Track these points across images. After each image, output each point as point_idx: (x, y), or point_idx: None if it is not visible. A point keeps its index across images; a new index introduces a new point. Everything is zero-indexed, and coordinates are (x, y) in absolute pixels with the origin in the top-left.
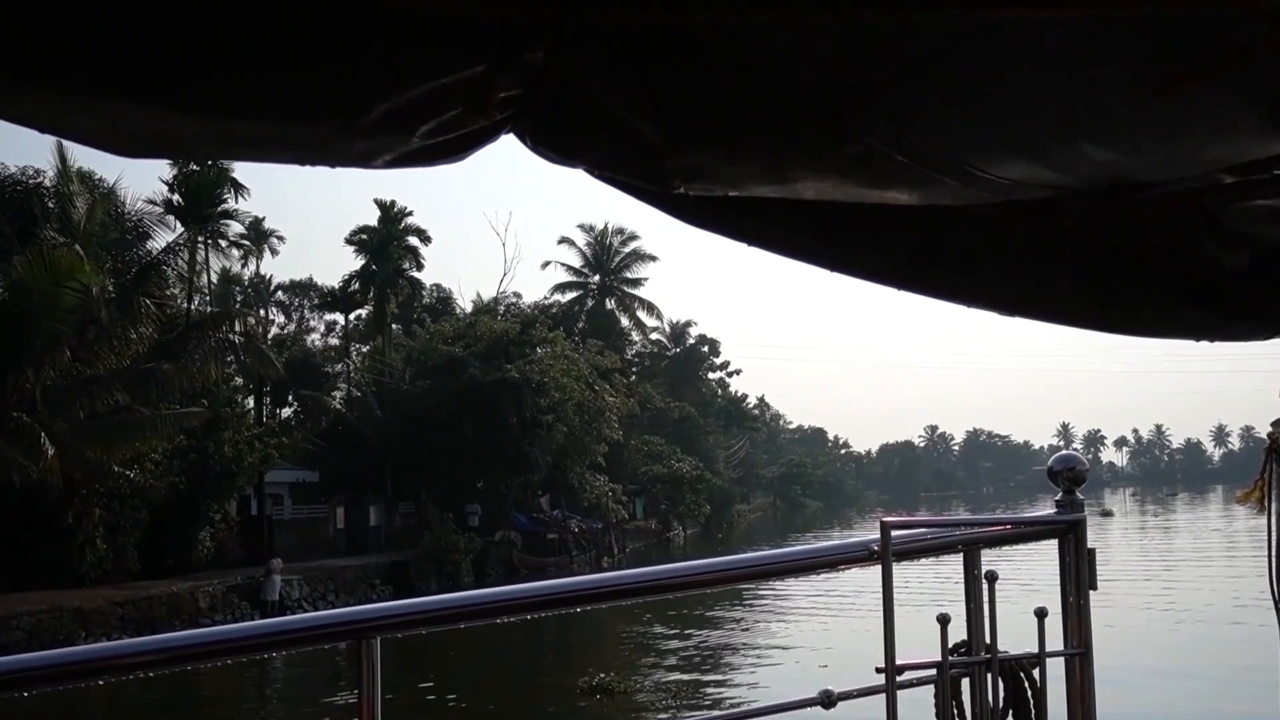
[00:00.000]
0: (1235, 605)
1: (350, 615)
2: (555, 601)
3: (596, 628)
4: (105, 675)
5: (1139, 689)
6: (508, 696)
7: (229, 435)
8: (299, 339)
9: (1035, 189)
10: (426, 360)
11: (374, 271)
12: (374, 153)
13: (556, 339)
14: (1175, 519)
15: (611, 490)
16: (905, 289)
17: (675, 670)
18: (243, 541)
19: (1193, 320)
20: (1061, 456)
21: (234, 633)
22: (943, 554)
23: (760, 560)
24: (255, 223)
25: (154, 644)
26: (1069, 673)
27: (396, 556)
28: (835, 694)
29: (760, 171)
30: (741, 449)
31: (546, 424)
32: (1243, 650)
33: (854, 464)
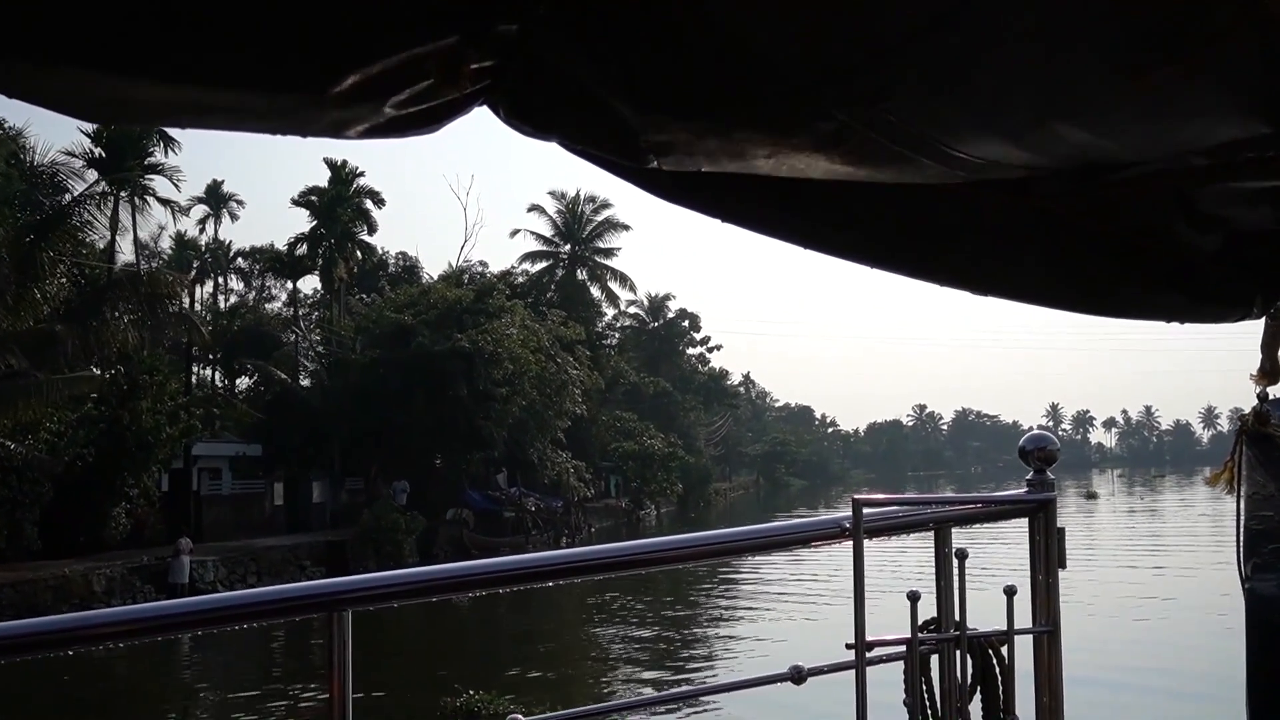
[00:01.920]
0: (1222, 595)
1: (322, 587)
2: (523, 576)
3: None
4: (74, 645)
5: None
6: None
7: (147, 405)
8: (257, 307)
9: (1009, 169)
10: (376, 329)
11: (322, 234)
12: (346, 123)
13: (515, 308)
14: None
15: (574, 467)
16: (878, 266)
17: (645, 645)
18: (166, 519)
19: (1165, 302)
20: (1032, 436)
21: (205, 604)
22: (914, 531)
23: (732, 536)
24: (214, 186)
25: (126, 614)
26: (1037, 650)
27: (334, 536)
28: (805, 669)
29: (734, 147)
30: (723, 426)
31: (501, 396)
32: (1223, 639)
33: (841, 443)
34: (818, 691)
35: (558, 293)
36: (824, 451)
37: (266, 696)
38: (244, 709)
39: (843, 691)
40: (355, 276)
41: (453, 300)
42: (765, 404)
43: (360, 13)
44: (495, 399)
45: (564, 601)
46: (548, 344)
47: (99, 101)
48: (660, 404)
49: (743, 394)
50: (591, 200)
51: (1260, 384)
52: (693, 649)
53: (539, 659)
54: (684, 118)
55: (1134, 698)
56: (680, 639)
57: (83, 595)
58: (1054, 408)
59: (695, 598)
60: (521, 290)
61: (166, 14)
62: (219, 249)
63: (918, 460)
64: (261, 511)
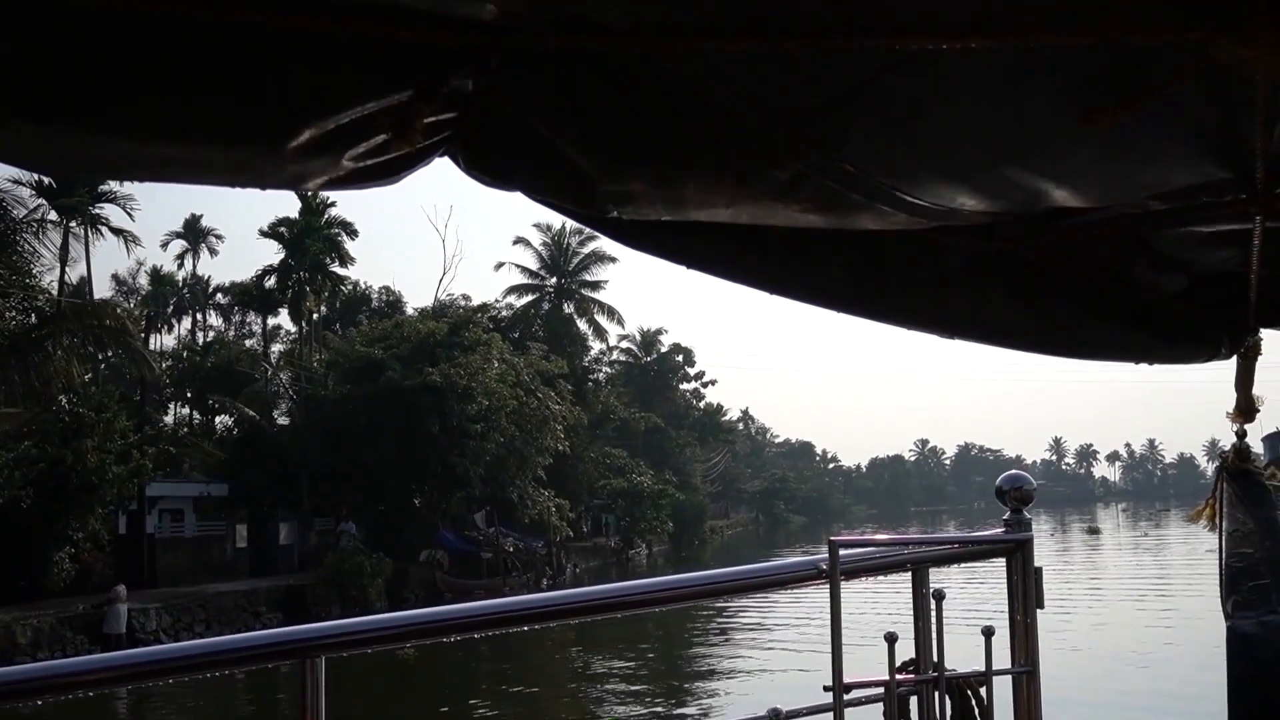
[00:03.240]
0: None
1: (295, 634)
2: (500, 620)
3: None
4: (41, 695)
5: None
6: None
7: (92, 444)
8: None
9: (969, 215)
10: (346, 364)
11: (290, 266)
12: (304, 176)
13: (493, 341)
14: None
15: (557, 506)
16: (845, 311)
17: (625, 685)
18: (116, 564)
19: (1132, 342)
20: (1008, 476)
21: (173, 652)
22: (891, 573)
23: (707, 579)
24: (191, 220)
25: (90, 663)
26: (1016, 691)
27: (295, 580)
28: (784, 712)
29: (692, 196)
30: (721, 463)
31: (476, 433)
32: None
33: (842, 478)
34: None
35: (544, 327)
36: (825, 487)
37: None
38: None
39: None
40: (337, 312)
41: (426, 333)
42: (765, 440)
43: (313, 69)
44: (470, 435)
45: (541, 641)
46: (527, 378)
47: (56, 155)
48: (653, 440)
49: (741, 430)
50: (578, 232)
51: (1237, 421)
52: (673, 688)
53: (515, 699)
54: (640, 167)
55: None
56: (660, 679)
57: (3, 648)
58: (1057, 441)
59: (679, 637)
60: (506, 324)
61: (123, 70)
62: (197, 285)
63: (920, 496)
64: (223, 554)
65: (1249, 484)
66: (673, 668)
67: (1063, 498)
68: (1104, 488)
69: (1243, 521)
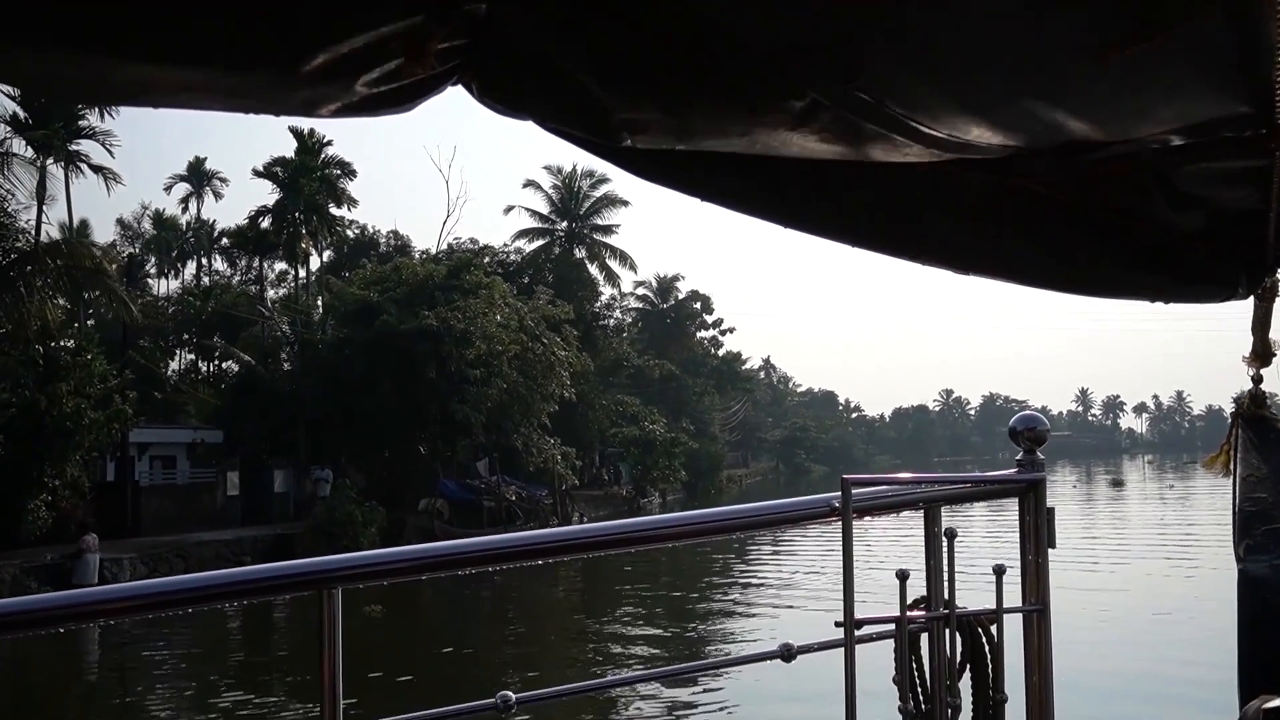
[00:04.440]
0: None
1: (313, 565)
2: (513, 555)
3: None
4: (66, 623)
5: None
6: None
7: (67, 388)
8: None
9: (985, 148)
10: (342, 307)
11: (285, 206)
12: (316, 102)
13: (494, 284)
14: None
15: (563, 454)
16: (858, 245)
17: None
18: (98, 512)
19: (1148, 282)
20: (1022, 416)
21: (194, 582)
22: (903, 510)
23: (720, 515)
24: (195, 163)
25: (117, 592)
26: (1027, 629)
27: (284, 529)
28: (795, 647)
29: (705, 125)
30: (740, 411)
31: (476, 379)
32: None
33: (865, 428)
34: (809, 669)
35: (553, 272)
36: (847, 437)
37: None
38: (230, 689)
39: (833, 668)
40: (345, 256)
41: (424, 276)
42: (787, 389)
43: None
44: (470, 381)
45: (560, 583)
46: (532, 323)
47: (71, 82)
48: (669, 388)
49: (762, 379)
50: (589, 175)
51: (1253, 366)
52: (686, 627)
53: (530, 639)
54: (654, 95)
55: (1125, 683)
56: (674, 618)
57: None
58: (1083, 392)
59: (693, 577)
60: (515, 269)
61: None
62: (201, 229)
63: (944, 446)
64: (212, 503)
65: (1264, 429)
66: (686, 607)
67: (1088, 449)
68: (1130, 439)
69: (1257, 467)
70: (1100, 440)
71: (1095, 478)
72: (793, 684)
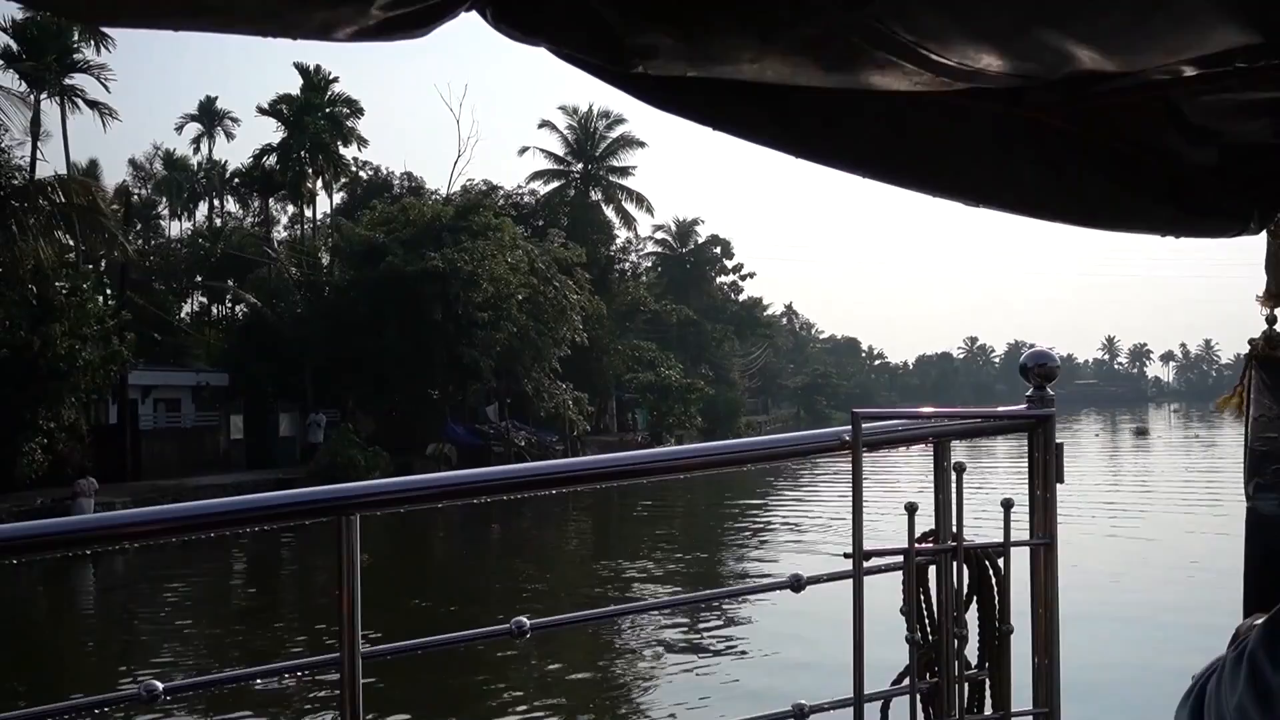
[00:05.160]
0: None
1: (331, 493)
2: (529, 484)
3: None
4: (93, 545)
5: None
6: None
7: (60, 329)
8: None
9: (997, 78)
10: (348, 248)
11: (290, 145)
12: (332, 24)
13: (504, 225)
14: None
15: (575, 399)
16: (869, 175)
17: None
18: (97, 455)
19: (1160, 215)
20: (1033, 353)
21: (215, 508)
22: (913, 444)
23: (732, 448)
24: (206, 103)
25: (142, 515)
26: (1034, 562)
27: (286, 474)
28: (804, 578)
29: (717, 52)
30: (760, 358)
31: (484, 322)
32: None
33: (888, 375)
34: (816, 599)
35: (569, 214)
36: (869, 384)
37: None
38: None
39: (841, 599)
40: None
41: (431, 217)
42: (809, 336)
43: None
44: (478, 324)
45: (570, 535)
46: (543, 265)
47: (88, 1)
48: (687, 333)
49: (784, 325)
50: (605, 115)
51: (1267, 306)
52: (697, 559)
53: (547, 568)
54: (666, 20)
55: (1133, 617)
56: (687, 549)
57: None
58: (1110, 340)
59: (707, 512)
60: (529, 212)
61: None
62: (213, 169)
63: (968, 394)
64: (215, 446)
65: (1277, 371)
66: (698, 540)
67: (1114, 398)
68: (1157, 388)
69: (1269, 407)
70: (1126, 389)
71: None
72: (802, 614)
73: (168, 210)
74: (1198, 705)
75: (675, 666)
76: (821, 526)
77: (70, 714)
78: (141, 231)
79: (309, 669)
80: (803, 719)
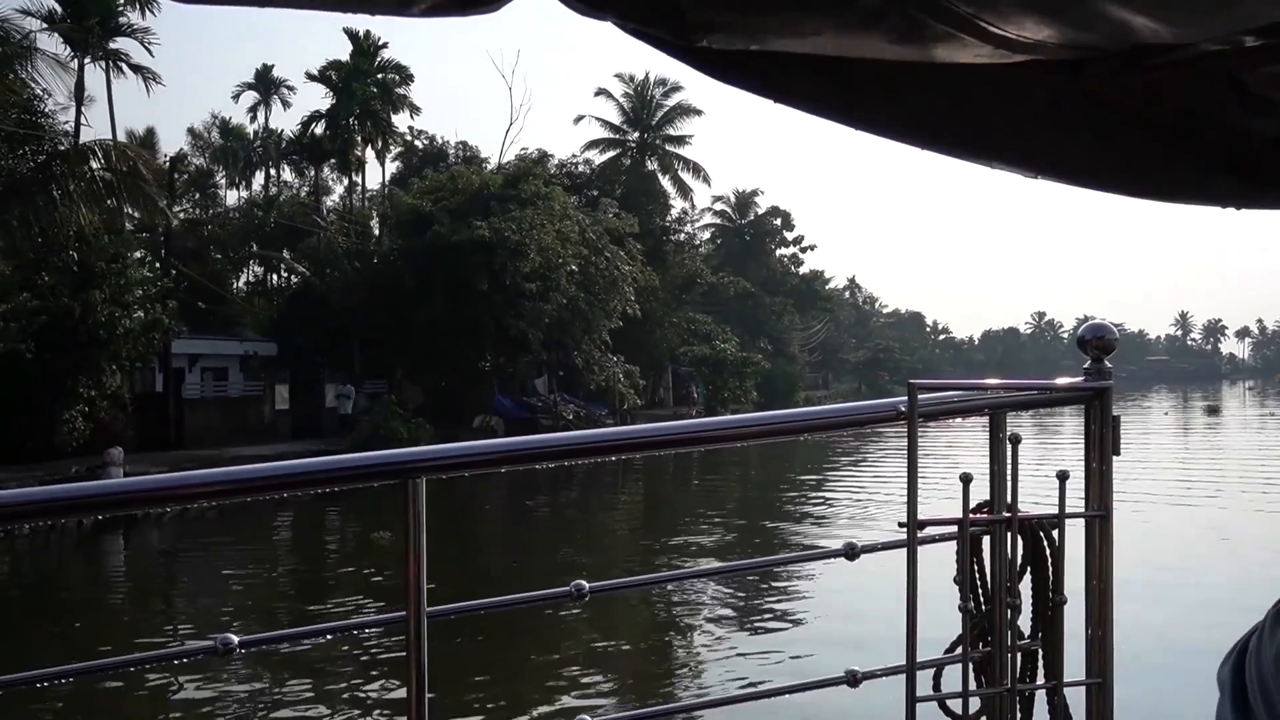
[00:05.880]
0: None
1: (398, 456)
2: (587, 450)
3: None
4: (170, 503)
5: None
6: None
7: (100, 295)
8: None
9: (1055, 49)
10: (395, 217)
11: (338, 112)
12: (408, 0)
13: (554, 193)
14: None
15: (626, 372)
16: (928, 148)
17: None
18: (139, 423)
19: (1221, 187)
20: (1090, 325)
21: (285, 469)
22: (969, 416)
23: (788, 417)
24: (263, 71)
25: (216, 476)
26: (1089, 534)
27: (328, 445)
28: (859, 547)
29: (778, 25)
30: (821, 332)
31: (532, 293)
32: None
33: (953, 350)
34: (870, 568)
35: (624, 184)
36: (933, 359)
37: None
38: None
39: (896, 568)
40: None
41: (479, 185)
42: (872, 309)
43: None
44: (525, 295)
45: (620, 513)
46: (594, 236)
47: None
48: (745, 306)
49: (847, 299)
50: (662, 84)
51: None
52: (752, 527)
53: (598, 535)
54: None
55: (1193, 589)
56: (742, 515)
57: None
58: (1183, 316)
59: (765, 481)
60: (584, 181)
61: None
62: (269, 138)
63: (1034, 369)
64: (259, 416)
65: None
66: (754, 508)
67: (1187, 374)
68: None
69: None
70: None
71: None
72: (858, 582)
73: (225, 179)
74: (1239, 660)
75: (729, 631)
76: (881, 500)
77: (151, 663)
78: (200, 200)
79: (378, 626)
80: (855, 685)
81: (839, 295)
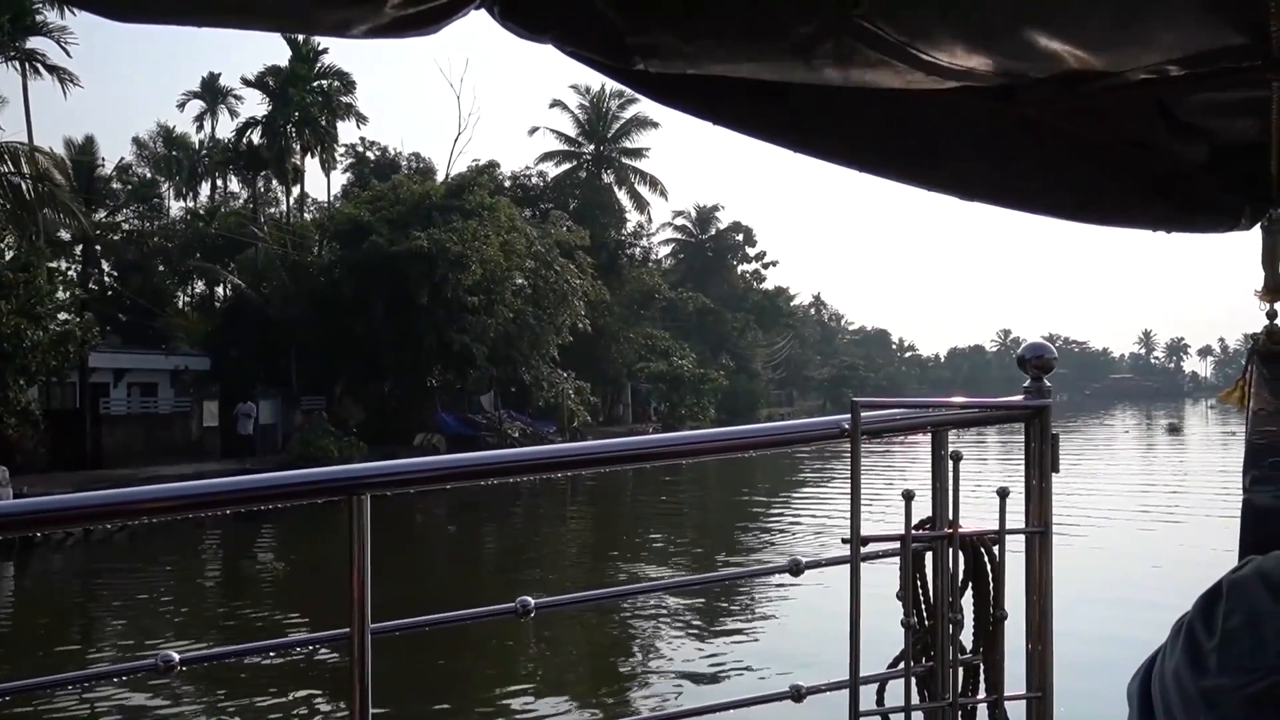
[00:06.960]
0: None
1: (342, 473)
2: (532, 467)
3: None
4: (114, 519)
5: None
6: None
7: (6, 306)
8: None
9: (986, 76)
10: (332, 227)
11: (274, 119)
12: (348, 22)
13: (498, 205)
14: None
15: (576, 388)
16: (867, 171)
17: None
18: (52, 441)
19: (1152, 212)
20: (1030, 345)
21: (228, 486)
22: (911, 433)
23: (731, 435)
24: (209, 79)
25: (158, 492)
26: (1029, 550)
27: (255, 464)
28: (803, 562)
29: (714, 50)
30: (785, 348)
31: (475, 307)
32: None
33: (919, 367)
34: (814, 583)
35: (579, 197)
36: (898, 376)
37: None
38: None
39: (839, 584)
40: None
41: (421, 195)
42: (837, 326)
43: None
44: (468, 309)
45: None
46: (543, 248)
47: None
48: (706, 322)
49: (812, 316)
50: (618, 95)
51: (1265, 300)
52: (698, 540)
53: (546, 553)
54: (664, 20)
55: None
56: (691, 529)
57: None
58: (1146, 335)
59: (708, 498)
60: (538, 194)
61: None
62: (215, 147)
63: (1000, 387)
64: (185, 434)
65: (1277, 365)
66: (700, 523)
67: (1150, 392)
68: (1194, 383)
69: (1268, 401)
70: (1162, 383)
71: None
72: (803, 597)
73: (170, 190)
74: (1146, 675)
75: (674, 648)
76: (828, 515)
77: (90, 681)
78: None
79: (321, 643)
80: (799, 700)
81: (804, 312)
